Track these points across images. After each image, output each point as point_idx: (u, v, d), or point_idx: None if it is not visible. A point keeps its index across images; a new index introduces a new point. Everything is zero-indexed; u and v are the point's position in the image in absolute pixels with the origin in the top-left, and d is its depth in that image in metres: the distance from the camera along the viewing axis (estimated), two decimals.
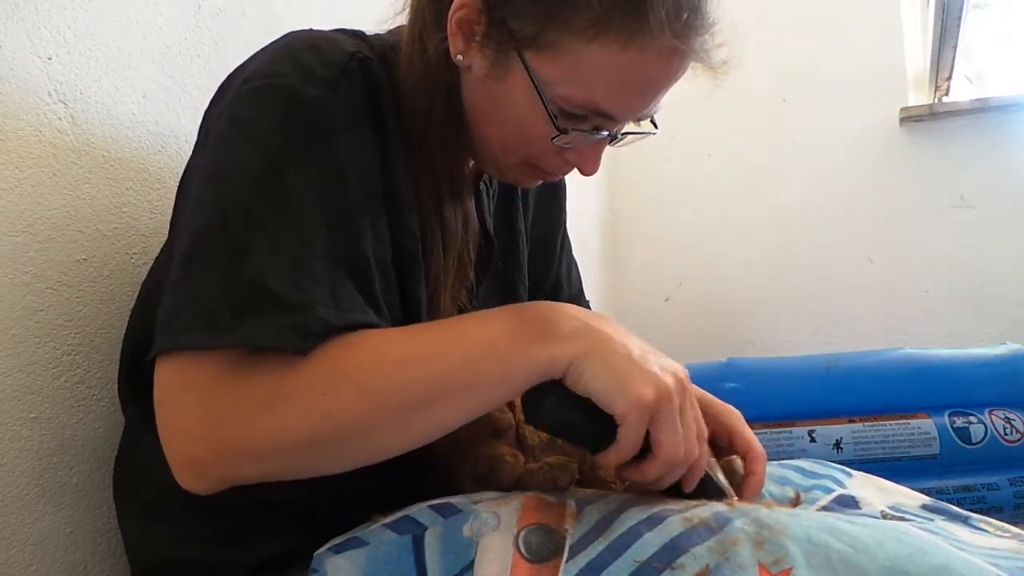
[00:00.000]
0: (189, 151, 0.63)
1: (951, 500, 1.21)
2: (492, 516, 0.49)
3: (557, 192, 0.89)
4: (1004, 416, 1.40)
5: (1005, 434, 1.38)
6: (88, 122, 0.69)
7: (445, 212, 0.63)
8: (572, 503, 0.51)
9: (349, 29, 0.63)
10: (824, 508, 0.64)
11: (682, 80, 0.58)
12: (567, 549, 0.47)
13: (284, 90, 0.52)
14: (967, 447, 1.38)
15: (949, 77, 2.22)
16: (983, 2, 2.38)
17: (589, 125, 0.58)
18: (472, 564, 0.47)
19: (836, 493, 0.67)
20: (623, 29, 0.52)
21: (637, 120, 0.61)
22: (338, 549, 0.51)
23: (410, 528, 0.50)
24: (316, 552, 0.52)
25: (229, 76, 0.60)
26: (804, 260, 2.25)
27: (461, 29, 0.57)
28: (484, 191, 0.74)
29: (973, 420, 1.40)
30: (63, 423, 0.66)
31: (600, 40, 0.53)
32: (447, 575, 0.47)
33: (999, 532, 0.58)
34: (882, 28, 2.22)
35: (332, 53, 0.55)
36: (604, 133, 0.59)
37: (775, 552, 0.43)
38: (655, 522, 0.47)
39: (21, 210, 0.62)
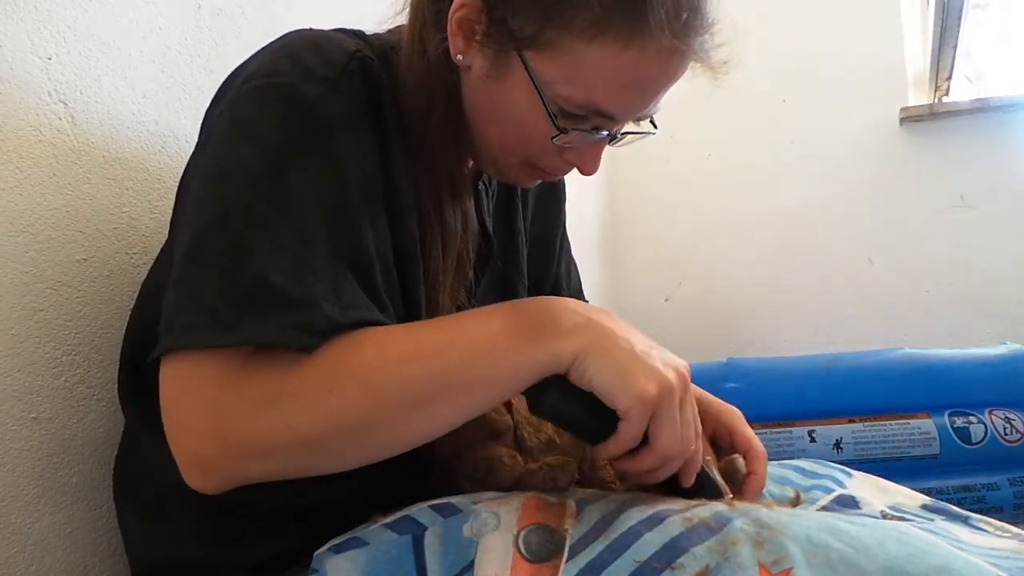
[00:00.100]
0: (189, 151, 0.63)
1: (951, 500, 1.21)
2: (492, 516, 0.49)
3: (556, 192, 0.89)
4: (1004, 416, 1.40)
5: (1005, 434, 1.38)
6: (88, 122, 0.69)
7: (444, 212, 0.63)
8: (572, 503, 0.51)
9: (349, 29, 0.63)
10: (824, 508, 0.64)
11: (682, 80, 0.58)
12: (567, 549, 0.47)
13: (285, 89, 0.52)
14: (967, 447, 1.38)
15: (949, 77, 2.22)
16: (983, 2, 2.38)
17: (589, 125, 0.58)
18: (472, 564, 0.47)
19: (836, 493, 0.67)
20: (623, 29, 0.52)
21: (637, 120, 0.61)
22: (338, 549, 0.51)
23: (410, 528, 0.50)
24: (316, 552, 0.52)
25: (229, 76, 0.60)
26: (804, 260, 2.25)
27: (461, 29, 0.57)
28: (483, 191, 0.74)
29: (973, 420, 1.40)
30: (63, 423, 0.66)
31: (600, 40, 0.53)
32: (447, 575, 0.47)
33: (999, 532, 0.58)
34: (882, 28, 2.22)
35: (332, 52, 0.55)
36: (604, 133, 0.59)
37: (775, 552, 0.43)
38: (655, 522, 0.47)
39: (21, 210, 0.62)
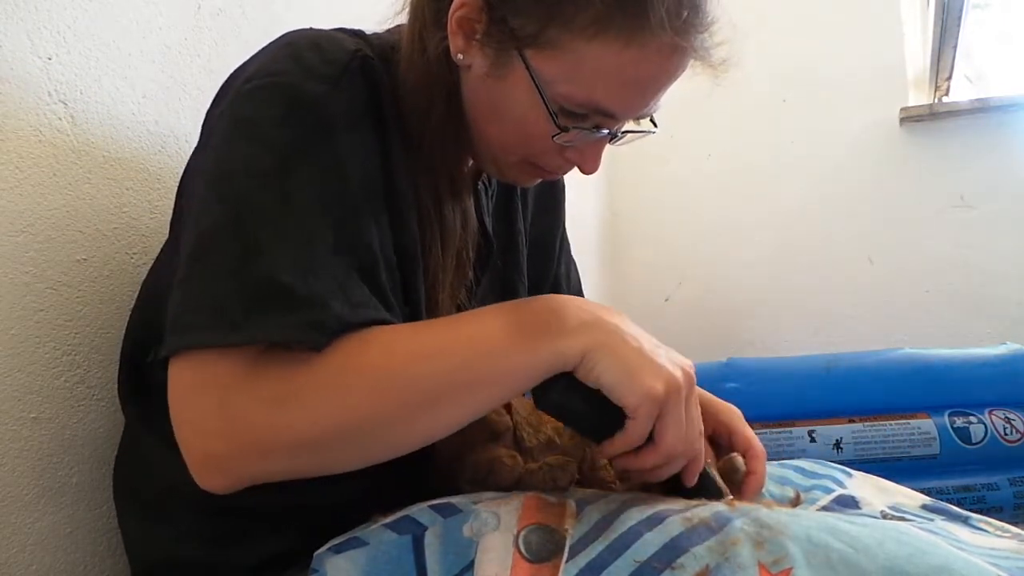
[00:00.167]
0: (189, 151, 0.63)
1: (951, 500, 1.21)
2: (492, 516, 0.49)
3: (556, 192, 0.89)
4: (1004, 416, 1.40)
5: (1005, 434, 1.38)
6: (88, 122, 0.69)
7: (444, 211, 0.63)
8: (572, 503, 0.51)
9: (349, 28, 0.63)
10: (824, 508, 0.64)
11: (682, 80, 0.58)
12: (567, 549, 0.47)
13: (287, 88, 0.52)
14: (967, 447, 1.38)
15: (949, 77, 2.22)
16: (983, 2, 2.38)
17: (590, 123, 0.58)
18: (472, 564, 0.47)
19: (836, 493, 0.67)
20: (624, 27, 0.52)
21: (637, 119, 0.61)
22: (338, 549, 0.51)
23: (410, 528, 0.50)
24: (316, 552, 0.52)
25: (230, 76, 0.60)
26: (804, 260, 2.25)
27: (461, 28, 0.57)
28: (483, 191, 0.74)
29: (973, 420, 1.40)
30: (63, 423, 0.66)
31: (601, 38, 0.53)
32: (447, 575, 0.47)
33: (999, 532, 0.58)
34: (882, 28, 2.22)
35: (334, 52, 0.55)
36: (604, 131, 0.59)
37: (775, 552, 0.43)
38: (655, 522, 0.47)
39: (21, 210, 0.62)
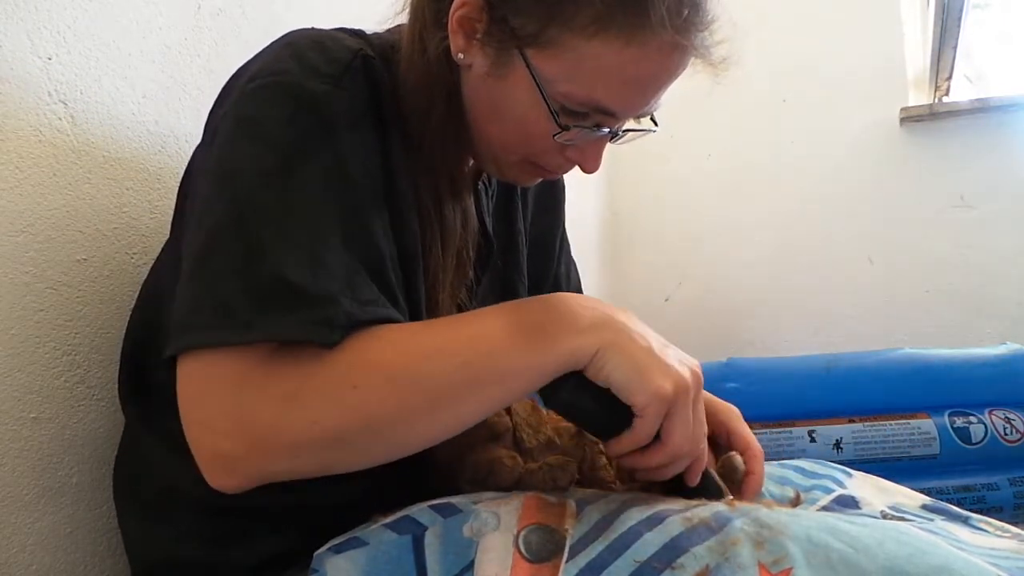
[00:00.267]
0: (189, 151, 0.63)
1: (951, 500, 1.21)
2: (492, 516, 0.49)
3: (556, 192, 0.89)
4: (1004, 416, 1.40)
5: (1005, 434, 1.38)
6: (88, 122, 0.69)
7: (444, 210, 0.63)
8: (572, 503, 0.51)
9: (350, 28, 0.63)
10: (824, 508, 0.64)
11: (682, 79, 0.58)
12: (567, 549, 0.47)
13: (290, 87, 0.52)
14: (967, 447, 1.37)
15: (949, 77, 2.22)
16: (983, 2, 2.38)
17: (590, 122, 0.58)
18: (472, 564, 0.47)
19: (836, 493, 0.67)
20: (624, 26, 0.52)
21: (638, 117, 0.61)
22: (338, 549, 0.51)
23: (410, 528, 0.50)
24: (316, 552, 0.52)
25: (233, 76, 0.60)
26: (804, 260, 2.25)
27: (462, 27, 0.57)
28: (483, 191, 0.74)
29: (973, 420, 1.40)
30: (63, 423, 0.66)
31: (601, 37, 0.53)
32: (447, 575, 0.47)
33: (999, 532, 0.58)
34: (882, 28, 2.21)
35: (336, 51, 0.55)
36: (605, 130, 0.59)
37: (775, 552, 0.43)
38: (655, 522, 0.47)
39: (21, 210, 0.62)
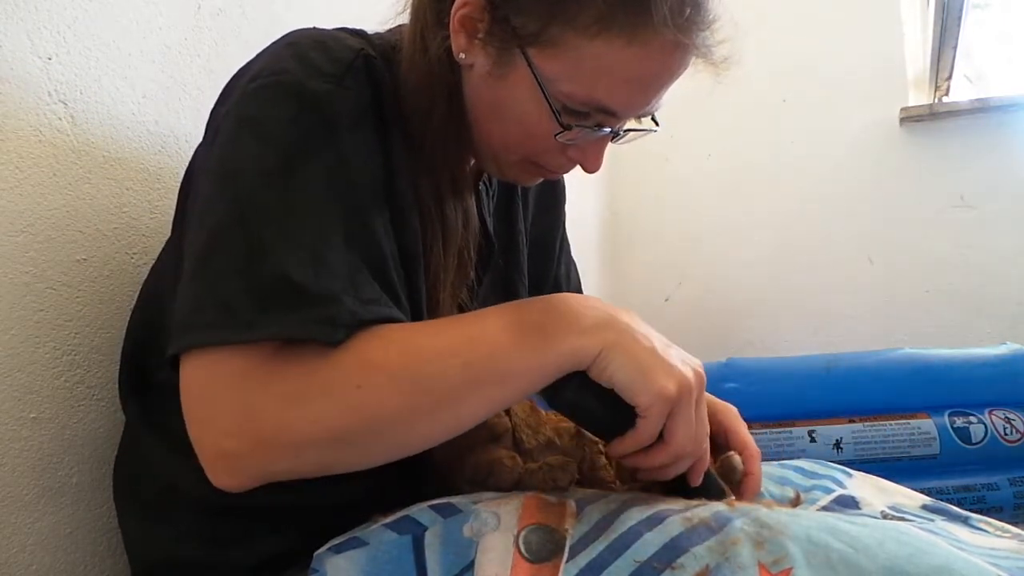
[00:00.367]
0: (189, 151, 0.63)
1: (951, 500, 1.21)
2: (492, 516, 0.49)
3: (556, 193, 0.89)
4: (1004, 416, 1.40)
5: (1005, 434, 1.38)
6: (88, 122, 0.69)
7: (446, 209, 0.63)
8: (572, 503, 0.51)
9: (351, 28, 0.63)
10: (824, 508, 0.64)
11: (682, 79, 0.58)
12: (567, 549, 0.47)
13: (292, 86, 0.52)
14: (967, 447, 1.37)
15: (949, 77, 2.22)
16: (983, 2, 2.38)
17: (592, 122, 0.58)
18: (472, 564, 0.47)
19: (836, 493, 0.67)
20: (626, 25, 0.52)
21: (639, 117, 0.61)
22: (338, 549, 0.51)
23: (410, 528, 0.50)
24: (316, 552, 0.52)
25: (234, 75, 0.60)
26: (804, 260, 2.25)
27: (464, 27, 0.57)
28: (484, 191, 0.74)
29: (973, 420, 1.40)
30: (63, 423, 0.66)
31: (603, 36, 0.53)
32: (447, 575, 0.47)
33: (999, 532, 0.58)
34: (882, 28, 2.21)
35: (338, 50, 0.55)
36: (607, 130, 0.59)
37: (775, 552, 0.43)
38: (655, 522, 0.47)
39: (21, 210, 0.62)
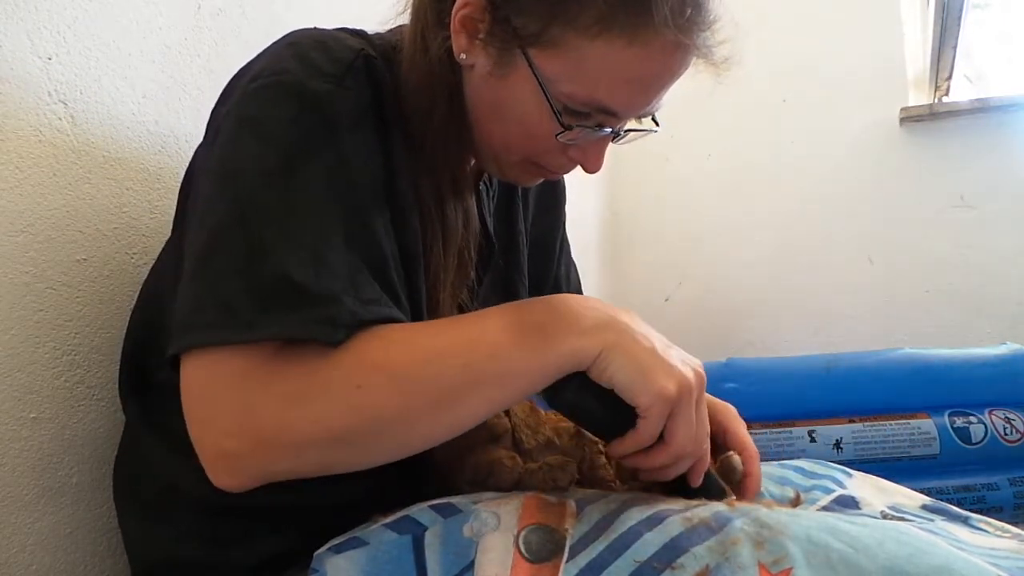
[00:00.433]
0: (189, 151, 0.63)
1: (951, 500, 1.21)
2: (492, 516, 0.49)
3: (556, 193, 0.89)
4: (1004, 416, 1.40)
5: (1005, 434, 1.38)
6: (88, 122, 0.69)
7: (446, 209, 0.63)
8: (572, 503, 0.51)
9: (351, 28, 0.63)
10: (824, 508, 0.64)
11: (682, 80, 0.58)
12: (567, 549, 0.47)
13: (293, 86, 0.52)
14: (967, 447, 1.37)
15: (949, 77, 2.22)
16: (983, 2, 2.38)
17: (593, 122, 0.58)
18: (472, 564, 0.47)
19: (836, 493, 0.67)
20: (627, 25, 0.52)
21: (640, 117, 0.61)
22: (338, 549, 0.51)
23: (410, 528, 0.50)
24: (316, 552, 0.52)
25: (235, 75, 0.60)
26: (804, 260, 2.25)
27: (464, 27, 0.57)
28: (484, 191, 0.74)
29: (973, 420, 1.40)
30: (63, 423, 0.66)
31: (604, 36, 0.53)
32: (447, 575, 0.47)
33: (999, 532, 0.58)
34: (882, 28, 2.21)
35: (338, 51, 0.55)
36: (607, 130, 0.59)
37: (775, 552, 0.43)
38: (655, 522, 0.47)
39: (21, 210, 0.62)
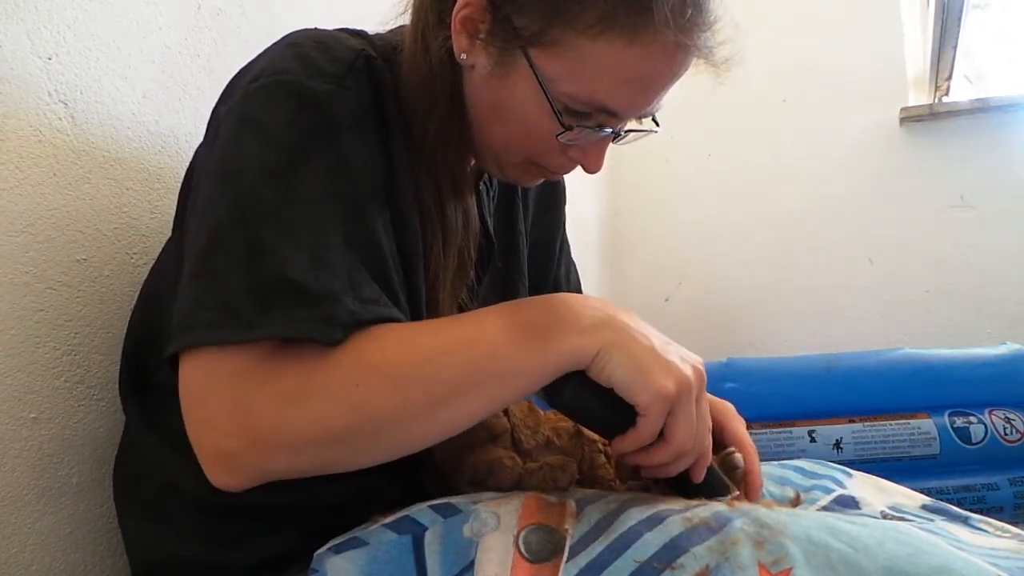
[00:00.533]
0: (189, 151, 0.63)
1: (951, 500, 1.21)
2: (492, 516, 0.49)
3: (557, 193, 0.89)
4: (1004, 416, 1.40)
5: (1005, 434, 1.38)
6: (88, 122, 0.69)
7: (446, 209, 0.63)
8: (572, 503, 0.51)
9: (351, 29, 0.63)
10: (824, 508, 0.64)
11: (682, 80, 0.58)
12: (567, 549, 0.47)
13: (293, 86, 0.52)
14: (967, 447, 1.37)
15: (949, 77, 2.22)
16: (983, 2, 2.38)
17: (593, 122, 0.58)
18: (472, 564, 0.47)
19: (836, 493, 0.67)
20: (627, 25, 0.52)
21: (640, 117, 0.61)
22: (338, 549, 0.51)
23: (410, 528, 0.50)
24: (316, 552, 0.52)
25: (236, 75, 0.60)
26: (804, 260, 2.25)
27: (465, 28, 0.57)
28: (484, 191, 0.74)
29: (973, 420, 1.40)
30: (63, 423, 0.66)
31: (605, 36, 0.53)
32: (447, 575, 0.47)
33: (999, 532, 0.58)
34: (882, 28, 2.22)
35: (339, 51, 0.55)
36: (608, 130, 0.59)
37: (775, 552, 0.43)
38: (655, 522, 0.47)
39: (21, 210, 0.62)
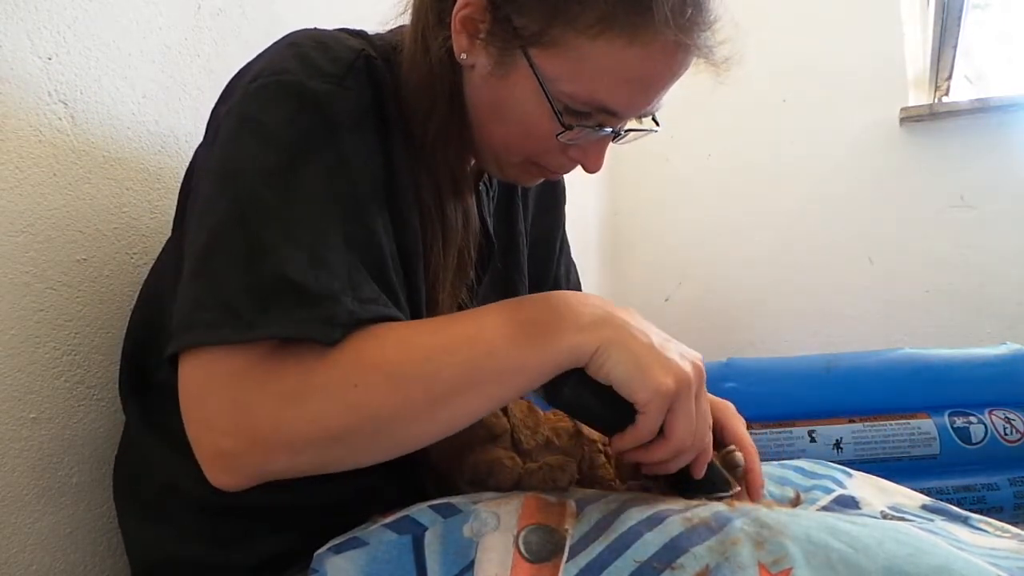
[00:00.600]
0: (189, 151, 0.63)
1: (951, 500, 1.21)
2: (492, 516, 0.49)
3: (556, 193, 0.89)
4: (1004, 416, 1.40)
5: (1005, 434, 1.38)
6: (88, 122, 0.69)
7: (446, 209, 0.63)
8: (572, 503, 0.51)
9: (351, 29, 0.63)
10: (824, 508, 0.64)
11: (682, 80, 0.58)
12: (567, 549, 0.47)
13: (293, 86, 0.52)
14: (967, 447, 1.38)
15: (949, 77, 2.22)
16: (983, 2, 2.38)
17: (593, 122, 0.58)
18: (472, 564, 0.47)
19: (836, 493, 0.67)
20: (627, 25, 0.52)
21: (640, 117, 0.61)
22: (338, 549, 0.51)
23: (410, 528, 0.50)
24: (316, 552, 0.52)
25: (236, 75, 0.60)
26: (804, 260, 2.25)
27: (465, 27, 0.57)
28: (484, 191, 0.74)
29: (973, 420, 1.40)
30: (63, 423, 0.66)
31: (605, 36, 0.53)
32: (447, 575, 0.47)
33: (999, 532, 0.58)
34: (882, 28, 2.22)
35: (339, 51, 0.55)
36: (608, 130, 0.59)
37: (775, 552, 0.43)
38: (655, 522, 0.47)
39: (21, 210, 0.62)
